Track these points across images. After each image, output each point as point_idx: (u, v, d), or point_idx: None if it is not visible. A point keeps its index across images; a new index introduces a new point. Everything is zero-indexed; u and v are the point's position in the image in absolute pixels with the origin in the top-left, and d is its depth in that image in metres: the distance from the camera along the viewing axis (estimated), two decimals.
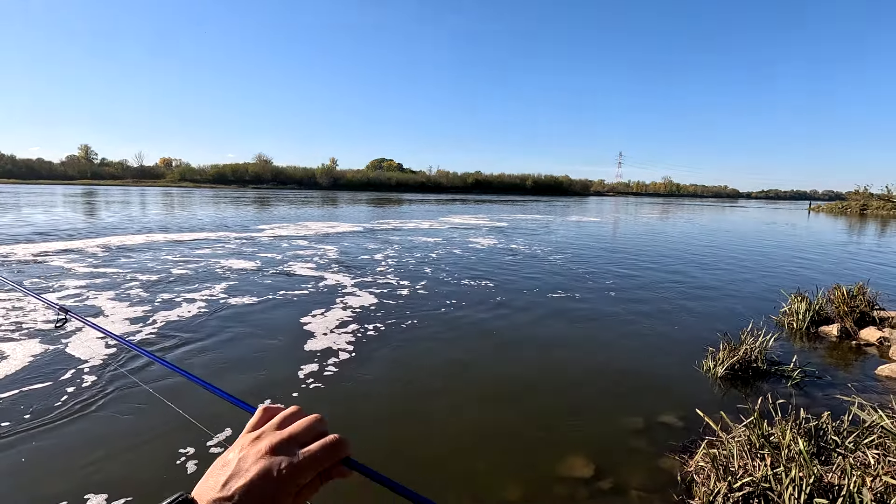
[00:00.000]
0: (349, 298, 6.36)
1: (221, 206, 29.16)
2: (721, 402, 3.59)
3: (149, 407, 3.29)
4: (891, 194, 48.12)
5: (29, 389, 3.50)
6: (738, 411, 3.15)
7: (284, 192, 69.54)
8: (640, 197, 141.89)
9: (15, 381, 3.62)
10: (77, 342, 4.46)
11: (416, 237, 14.26)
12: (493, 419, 3.32)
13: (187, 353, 4.32)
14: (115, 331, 4.84)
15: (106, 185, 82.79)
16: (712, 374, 4.08)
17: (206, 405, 3.23)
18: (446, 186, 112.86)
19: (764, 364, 4.18)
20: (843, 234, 20.47)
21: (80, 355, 4.16)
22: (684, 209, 46.48)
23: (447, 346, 4.69)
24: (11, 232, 12.73)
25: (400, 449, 2.91)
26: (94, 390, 3.52)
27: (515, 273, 8.69)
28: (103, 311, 5.54)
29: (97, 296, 6.20)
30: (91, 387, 3.57)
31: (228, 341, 4.66)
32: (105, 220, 17.59)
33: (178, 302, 5.99)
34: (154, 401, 3.31)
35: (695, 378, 4.07)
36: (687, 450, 2.88)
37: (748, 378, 4.05)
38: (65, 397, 3.40)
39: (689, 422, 3.23)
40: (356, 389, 3.67)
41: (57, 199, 31.04)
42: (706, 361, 4.22)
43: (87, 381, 3.67)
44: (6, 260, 8.67)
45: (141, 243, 11.27)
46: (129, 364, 4.00)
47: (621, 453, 2.89)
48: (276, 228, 15.66)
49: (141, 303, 5.91)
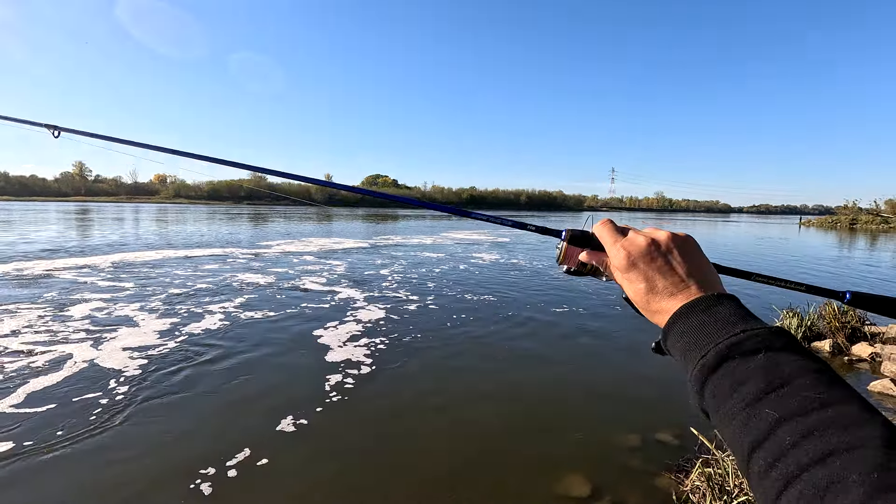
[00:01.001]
0: (361, 312, 6.56)
1: (221, 222, 29.12)
2: None
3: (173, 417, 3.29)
4: (879, 209, 48.92)
5: (63, 401, 3.64)
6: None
7: (279, 208, 69.57)
8: (634, 212, 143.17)
9: (45, 396, 3.72)
10: (107, 352, 4.68)
11: (421, 252, 14.35)
12: (491, 437, 3.32)
13: (211, 363, 4.52)
14: (147, 342, 5.08)
15: (100, 201, 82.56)
16: None
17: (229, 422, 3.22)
18: (441, 202, 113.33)
19: None
20: (834, 248, 20.71)
21: (110, 365, 4.39)
22: (679, 224, 46.86)
23: (448, 363, 4.69)
24: (19, 249, 12.72)
25: (399, 470, 2.90)
26: (124, 401, 3.64)
27: (519, 288, 8.76)
28: (131, 321, 5.84)
29: (123, 308, 6.50)
30: (121, 397, 3.70)
31: (250, 353, 4.84)
32: (109, 236, 17.56)
33: (200, 315, 6.23)
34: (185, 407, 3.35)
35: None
36: (682, 468, 2.89)
37: None
38: (97, 409, 3.53)
39: (684, 439, 3.25)
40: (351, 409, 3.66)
41: (54, 217, 30.89)
42: None
43: (117, 390, 3.84)
44: (22, 276, 8.75)
45: (153, 259, 11.43)
46: (158, 373, 4.08)
47: (618, 472, 2.90)
48: (282, 245, 15.71)
49: (165, 315, 6.16)
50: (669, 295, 0.54)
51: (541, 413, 3.73)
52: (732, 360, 0.43)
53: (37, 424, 3.29)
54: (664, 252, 0.57)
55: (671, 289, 0.54)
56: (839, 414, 0.36)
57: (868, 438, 0.33)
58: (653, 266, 0.56)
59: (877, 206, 49.55)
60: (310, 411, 3.56)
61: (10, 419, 3.34)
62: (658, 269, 0.56)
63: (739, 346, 0.44)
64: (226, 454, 2.95)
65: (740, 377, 0.42)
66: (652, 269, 0.56)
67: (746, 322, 0.46)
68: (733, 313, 0.48)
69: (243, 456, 2.94)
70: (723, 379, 0.43)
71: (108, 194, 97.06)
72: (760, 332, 0.44)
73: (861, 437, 0.34)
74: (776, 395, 0.39)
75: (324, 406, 3.67)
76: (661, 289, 0.55)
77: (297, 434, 3.26)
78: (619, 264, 0.59)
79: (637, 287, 0.57)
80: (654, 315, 0.56)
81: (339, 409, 3.66)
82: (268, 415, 3.50)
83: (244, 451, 2.99)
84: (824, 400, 0.37)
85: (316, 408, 3.62)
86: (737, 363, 0.43)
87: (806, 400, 0.38)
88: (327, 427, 3.39)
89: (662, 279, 0.55)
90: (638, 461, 3.02)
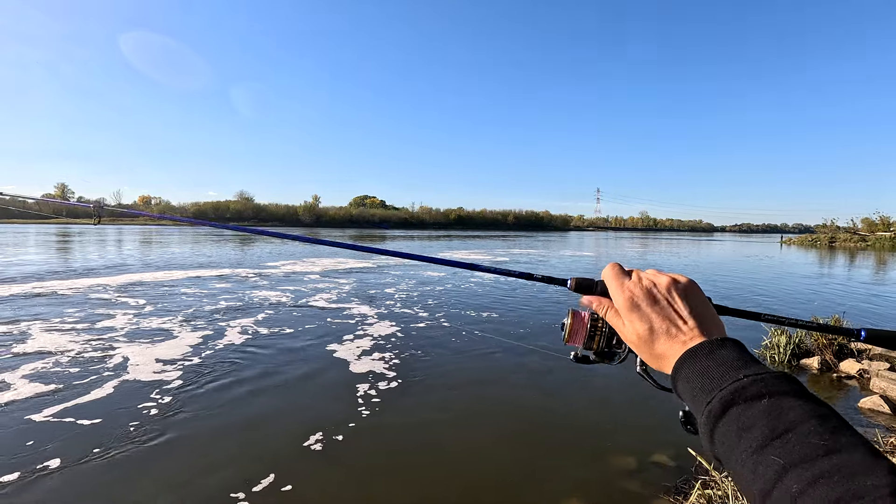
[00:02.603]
0: (375, 328, 6.80)
1: (216, 244, 28.67)
2: None
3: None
4: (856, 227, 50.27)
5: (95, 417, 3.75)
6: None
7: (266, 229, 68.93)
8: (619, 231, 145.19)
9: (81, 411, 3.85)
10: (132, 371, 4.80)
11: (422, 272, 14.43)
12: (489, 459, 3.24)
13: (237, 380, 4.63)
14: (173, 354, 5.31)
15: (81, 223, 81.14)
16: None
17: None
18: (429, 222, 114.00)
19: None
20: (814, 266, 21.14)
21: (138, 383, 4.47)
22: (666, 243, 47.58)
23: (453, 381, 4.63)
24: (23, 271, 12.60)
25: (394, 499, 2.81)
26: (157, 416, 3.74)
27: (519, 305, 8.90)
28: (155, 339, 5.96)
29: (147, 325, 6.70)
30: (156, 412, 3.84)
31: (274, 368, 4.97)
32: (109, 258, 17.37)
33: (221, 332, 6.36)
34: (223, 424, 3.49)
35: None
36: (681, 490, 2.84)
37: None
38: (131, 425, 3.61)
39: (682, 461, 3.21)
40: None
41: (42, 239, 30.16)
42: None
43: (149, 408, 3.93)
44: (37, 296, 8.70)
45: (161, 280, 11.46)
46: (188, 389, 4.09)
47: (616, 495, 2.84)
48: (287, 265, 15.71)
49: (187, 333, 6.30)
50: (671, 337, 0.55)
51: (536, 435, 3.67)
52: (737, 405, 0.43)
53: (70, 440, 3.35)
54: (665, 295, 0.58)
55: (673, 331, 0.55)
56: (844, 461, 0.36)
57: (874, 487, 0.33)
58: (655, 308, 0.57)
59: (854, 225, 50.93)
60: (336, 429, 3.59)
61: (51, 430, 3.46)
62: (660, 312, 0.57)
63: (743, 391, 0.44)
64: (253, 477, 2.93)
65: (746, 423, 0.42)
66: (654, 311, 0.57)
67: (749, 367, 0.47)
68: (737, 357, 0.48)
69: (268, 481, 2.89)
70: (729, 425, 0.43)
71: (89, 217, 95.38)
72: (764, 377, 0.44)
73: (867, 487, 0.34)
74: (781, 441, 0.39)
75: (350, 423, 3.71)
76: (662, 331, 0.55)
77: (323, 454, 3.25)
78: (621, 304, 0.59)
79: (639, 328, 0.57)
80: (658, 360, 0.56)
81: (364, 427, 3.69)
82: (295, 433, 3.50)
83: (269, 476, 2.95)
84: (829, 447, 0.37)
85: (341, 425, 3.65)
86: (741, 409, 0.43)
87: (811, 447, 0.38)
88: (354, 446, 3.36)
89: (664, 321, 0.56)
90: (635, 484, 2.96)
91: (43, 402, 3.97)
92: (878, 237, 44.15)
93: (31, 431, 3.46)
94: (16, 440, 3.32)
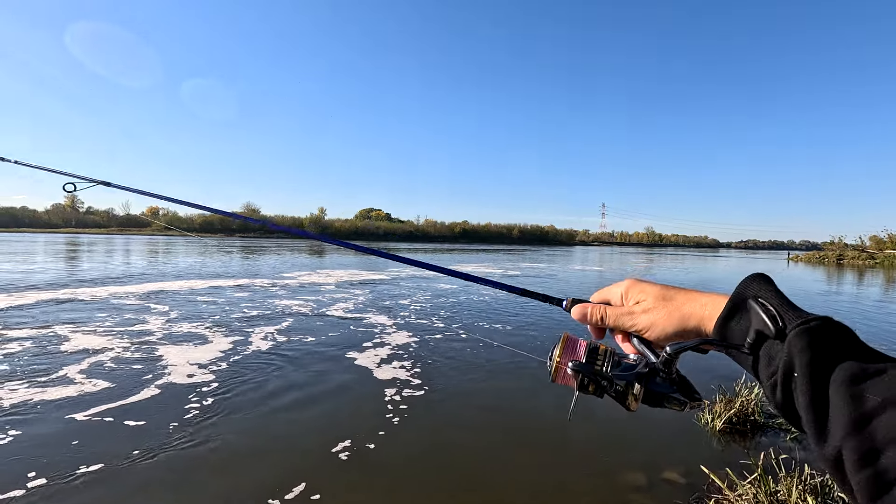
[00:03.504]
0: (394, 337, 6.95)
1: (222, 254, 28.79)
2: (722, 457, 3.52)
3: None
4: (864, 245, 49.91)
5: (128, 420, 3.84)
6: (740, 467, 3.09)
7: (272, 240, 69.45)
8: (625, 247, 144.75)
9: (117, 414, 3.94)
10: (159, 379, 4.86)
11: (436, 284, 14.57)
12: (496, 474, 3.20)
13: (270, 384, 4.79)
14: (207, 358, 5.53)
15: (89, 233, 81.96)
16: (711, 428, 4.02)
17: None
18: (434, 236, 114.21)
19: (761, 417, 4.14)
20: (823, 283, 20.95)
21: (166, 390, 4.52)
22: (672, 259, 47.34)
23: (472, 391, 4.66)
24: (45, 279, 12.81)
25: None
26: (190, 422, 3.81)
27: (532, 317, 8.98)
28: (190, 343, 6.23)
29: (179, 330, 6.95)
30: (190, 416, 3.92)
31: (303, 376, 5.09)
32: (126, 267, 17.62)
33: (249, 338, 6.56)
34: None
35: (693, 431, 4.01)
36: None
37: (746, 431, 4.00)
38: (166, 429, 3.68)
39: (692, 477, 3.15)
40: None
41: (53, 248, 30.37)
42: (703, 414, 4.17)
43: (182, 413, 3.99)
44: (67, 302, 8.96)
45: (184, 289, 11.65)
46: (219, 395, 4.19)
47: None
48: (302, 276, 15.87)
49: (218, 338, 6.50)
50: (701, 294, 0.58)
51: (543, 449, 3.62)
52: (828, 336, 0.43)
53: (111, 441, 3.45)
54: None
55: (701, 295, 0.58)
56: None
57: None
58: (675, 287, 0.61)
59: (862, 242, 50.57)
60: (365, 438, 3.60)
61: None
62: (683, 291, 0.61)
63: (833, 327, 0.44)
64: (284, 484, 2.96)
65: (838, 356, 0.41)
66: (676, 288, 0.61)
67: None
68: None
69: (299, 489, 2.91)
70: (823, 350, 0.42)
71: (98, 226, 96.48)
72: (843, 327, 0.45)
73: None
74: (880, 379, 0.38)
75: (380, 431, 3.74)
76: (694, 294, 0.59)
77: (351, 463, 3.26)
78: (656, 294, 0.60)
79: (678, 299, 0.58)
80: (685, 320, 0.56)
81: (392, 436, 3.69)
82: (325, 441, 3.53)
83: (301, 485, 2.96)
84: None
85: (370, 434, 3.67)
86: (832, 342, 0.42)
87: None
88: (382, 456, 3.38)
89: (688, 293, 0.60)
90: (646, 501, 2.91)
91: (85, 402, 4.11)
92: (887, 255, 43.78)
93: (73, 431, 3.57)
94: (60, 440, 3.42)
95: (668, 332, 0.57)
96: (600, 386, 0.59)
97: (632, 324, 0.60)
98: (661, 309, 0.57)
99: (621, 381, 0.58)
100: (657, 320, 0.57)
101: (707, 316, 0.55)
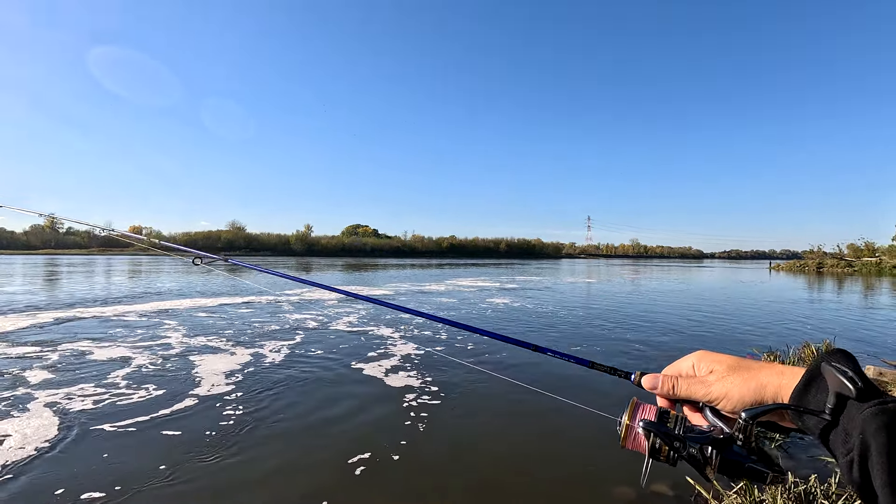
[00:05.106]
0: (402, 349, 7.13)
1: (215, 273, 28.35)
2: None
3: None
4: (842, 253, 51.14)
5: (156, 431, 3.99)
6: (726, 478, 3.11)
7: (257, 257, 68.79)
8: (611, 259, 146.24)
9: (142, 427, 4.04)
10: (178, 392, 4.98)
11: (439, 298, 14.81)
12: (484, 490, 3.17)
13: (288, 397, 4.90)
14: (229, 368, 5.81)
15: (70, 253, 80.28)
16: None
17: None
18: (421, 251, 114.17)
19: None
20: (804, 291, 21.36)
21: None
22: (659, 270, 47.88)
23: (477, 400, 4.57)
24: (48, 300, 12.81)
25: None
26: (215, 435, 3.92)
27: (536, 328, 9.20)
28: (209, 356, 6.41)
29: (200, 344, 7.19)
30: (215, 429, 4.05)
31: (321, 387, 5.25)
32: (125, 287, 17.54)
33: (264, 352, 6.78)
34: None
35: None
36: None
37: None
38: (189, 442, 3.78)
39: (680, 490, 3.16)
40: None
41: (43, 270, 29.61)
42: None
43: (203, 426, 4.08)
44: (78, 320, 8.69)
45: (191, 307, 11.76)
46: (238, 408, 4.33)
47: None
48: (305, 291, 15.90)
49: (237, 351, 6.76)
50: (771, 366, 0.57)
51: (532, 463, 3.60)
52: None
53: (143, 452, 3.57)
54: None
55: (778, 364, 0.58)
56: None
57: None
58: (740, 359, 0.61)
59: (840, 251, 51.82)
60: (384, 449, 3.66)
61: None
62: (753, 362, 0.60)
63: None
64: (307, 492, 3.03)
65: None
66: (750, 359, 0.60)
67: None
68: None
69: (319, 497, 2.97)
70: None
71: (79, 247, 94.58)
72: None
73: None
74: None
75: (402, 441, 3.83)
76: (770, 364, 0.57)
77: (371, 473, 3.31)
78: (730, 364, 0.59)
79: (754, 368, 0.57)
80: (760, 391, 0.55)
81: (410, 448, 3.73)
82: (345, 451, 3.60)
83: (321, 492, 3.02)
84: None
85: (390, 446, 3.73)
86: None
87: None
88: (400, 467, 3.41)
89: (759, 363, 0.59)
90: None
91: (114, 414, 4.25)
92: (864, 262, 44.91)
93: (103, 443, 3.68)
94: (92, 453, 3.51)
95: (746, 401, 0.55)
96: (673, 448, 0.56)
97: (705, 392, 0.58)
98: (736, 377, 0.55)
99: (695, 445, 0.55)
100: (732, 388, 0.55)
101: (785, 384, 0.53)
